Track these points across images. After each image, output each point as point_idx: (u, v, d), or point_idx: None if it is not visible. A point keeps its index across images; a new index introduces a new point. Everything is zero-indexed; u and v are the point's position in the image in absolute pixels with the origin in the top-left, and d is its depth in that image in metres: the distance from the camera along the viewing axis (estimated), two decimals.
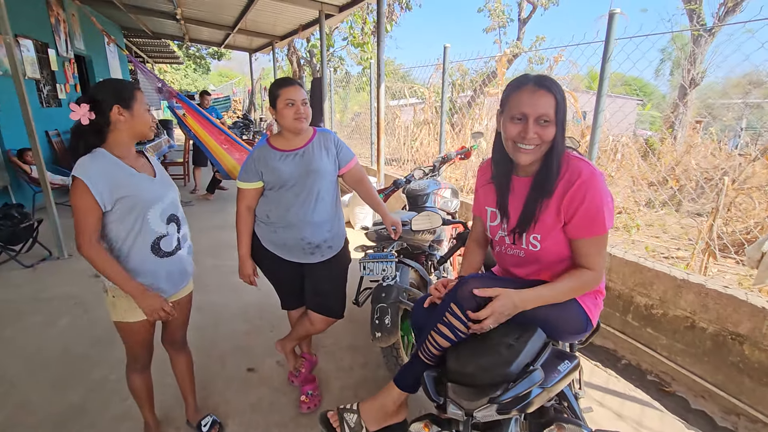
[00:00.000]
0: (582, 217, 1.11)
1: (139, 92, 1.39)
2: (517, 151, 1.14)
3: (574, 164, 1.14)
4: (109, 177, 1.31)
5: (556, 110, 1.09)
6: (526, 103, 1.09)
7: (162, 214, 1.42)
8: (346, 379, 2.18)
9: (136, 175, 1.38)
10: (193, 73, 26.42)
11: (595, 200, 1.09)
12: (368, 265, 1.90)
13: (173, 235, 1.47)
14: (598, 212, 1.10)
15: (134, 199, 1.35)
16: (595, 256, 1.15)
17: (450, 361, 1.01)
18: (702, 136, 6.38)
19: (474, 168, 5.30)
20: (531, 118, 1.09)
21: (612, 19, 2.34)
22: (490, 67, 8.40)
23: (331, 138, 1.81)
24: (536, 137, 1.10)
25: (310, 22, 7.19)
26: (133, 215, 1.36)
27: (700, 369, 2.15)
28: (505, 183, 1.24)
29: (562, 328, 1.16)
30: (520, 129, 1.11)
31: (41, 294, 3.06)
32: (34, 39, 5.72)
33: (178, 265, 1.51)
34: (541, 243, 1.18)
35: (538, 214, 1.16)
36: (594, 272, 1.15)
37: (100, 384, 2.10)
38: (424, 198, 2.53)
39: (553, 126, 1.10)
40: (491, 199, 1.30)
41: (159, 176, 1.48)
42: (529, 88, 1.10)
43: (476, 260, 1.44)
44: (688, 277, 2.18)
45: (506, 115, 1.15)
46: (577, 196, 1.11)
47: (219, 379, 2.16)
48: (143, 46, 13.31)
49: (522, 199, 1.20)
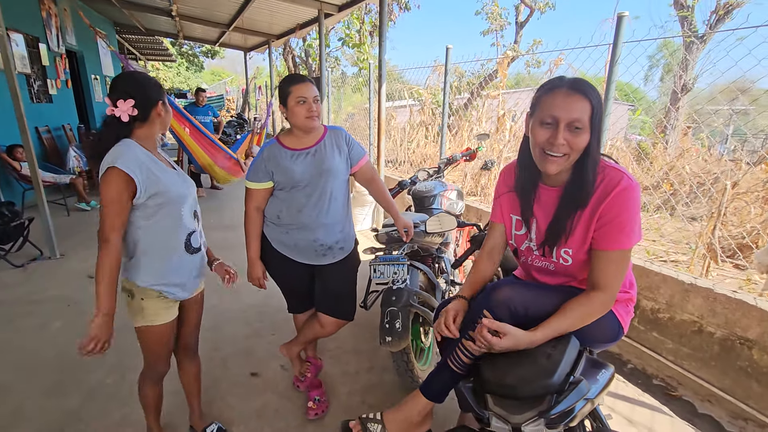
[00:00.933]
0: (611, 227, 1.05)
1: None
2: (544, 159, 1.07)
3: (610, 173, 1.08)
4: (145, 168, 1.26)
5: (591, 116, 1.03)
6: (558, 106, 1.02)
7: (190, 209, 1.42)
8: (352, 384, 2.13)
9: (164, 170, 1.35)
10: (186, 71, 26.13)
11: (629, 213, 1.04)
12: (379, 268, 1.86)
13: (198, 231, 1.47)
14: (628, 225, 1.05)
15: (168, 195, 1.30)
16: (613, 274, 1.07)
17: (486, 371, 0.97)
18: (692, 141, 6.47)
19: (472, 170, 5.29)
20: (562, 123, 1.02)
21: (620, 21, 2.34)
22: (487, 70, 8.43)
23: (342, 135, 1.77)
24: (565, 145, 1.03)
25: (307, 21, 7.13)
26: (168, 210, 1.32)
27: (707, 373, 2.14)
28: (530, 191, 1.18)
29: (595, 336, 1.12)
30: (549, 134, 1.04)
31: (33, 295, 2.96)
32: (24, 33, 5.58)
33: (202, 260, 1.51)
34: (573, 257, 1.13)
35: (570, 228, 1.10)
36: (605, 295, 1.07)
37: (96, 389, 2.03)
38: (430, 199, 2.50)
39: (587, 133, 1.03)
40: (516, 206, 1.24)
41: (178, 171, 1.45)
42: (563, 91, 1.03)
43: (487, 274, 1.34)
44: (695, 282, 2.18)
45: (536, 118, 1.08)
46: (611, 206, 1.05)
47: (222, 384, 2.10)
48: (136, 43, 13.10)
49: (550, 209, 1.15)
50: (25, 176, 4.59)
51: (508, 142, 5.04)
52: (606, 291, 1.07)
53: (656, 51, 7.34)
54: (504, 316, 1.04)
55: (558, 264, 1.17)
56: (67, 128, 6.85)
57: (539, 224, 1.19)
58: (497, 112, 5.21)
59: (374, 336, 2.52)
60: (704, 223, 3.77)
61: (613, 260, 1.07)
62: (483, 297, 1.11)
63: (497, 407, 0.89)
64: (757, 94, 2.96)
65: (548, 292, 1.15)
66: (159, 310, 1.37)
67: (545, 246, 1.16)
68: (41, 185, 3.52)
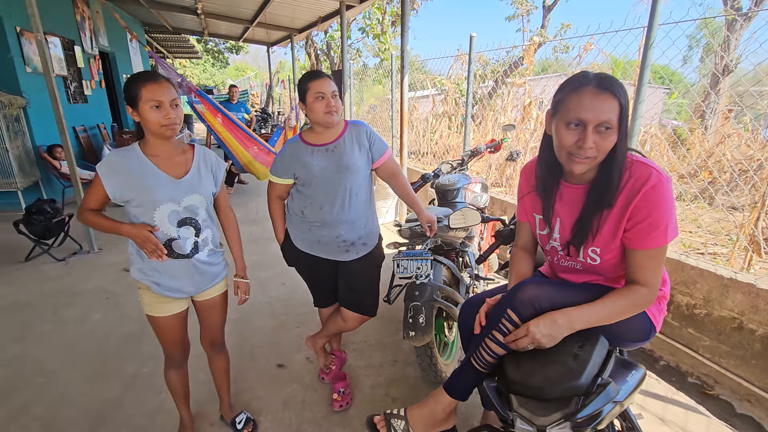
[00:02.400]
0: (645, 226, 1.01)
1: (148, 88, 1.26)
2: (571, 161, 1.02)
3: (638, 170, 1.03)
4: (125, 176, 1.32)
5: (620, 116, 0.98)
6: (586, 107, 0.97)
7: (171, 216, 1.37)
8: (376, 376, 2.15)
9: (153, 175, 1.35)
10: (212, 67, 26.67)
11: (662, 209, 1.00)
12: (402, 263, 1.85)
13: (187, 239, 1.42)
14: (662, 222, 1.00)
15: (139, 200, 1.34)
16: (652, 270, 1.04)
17: (510, 371, 0.95)
18: (734, 124, 6.08)
19: (497, 161, 5.18)
20: (591, 125, 0.97)
21: (656, 2, 2.21)
22: (512, 57, 8.20)
23: (363, 130, 1.75)
24: (594, 148, 0.98)
25: (329, 14, 7.12)
26: (142, 214, 1.36)
27: (746, 372, 2.04)
28: (552, 190, 1.14)
29: (625, 335, 1.09)
30: (577, 137, 0.99)
31: (74, 288, 3.13)
32: (60, 36, 5.83)
33: (198, 267, 1.47)
34: (601, 257, 1.09)
35: (597, 227, 1.06)
36: (648, 289, 1.04)
37: (133, 378, 2.13)
38: (454, 193, 2.46)
39: (615, 133, 0.99)
40: (539, 205, 1.20)
41: (190, 178, 1.41)
42: (591, 90, 0.97)
43: (525, 268, 1.31)
44: (735, 276, 2.07)
45: (560, 118, 1.03)
46: (642, 205, 1.00)
47: (250, 374, 2.16)
48: (163, 42, 13.46)
49: (575, 208, 1.11)
50: (65, 174, 4.83)
51: (534, 131, 4.90)
52: (648, 286, 1.05)
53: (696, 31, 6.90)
54: (529, 316, 1.02)
55: (585, 263, 1.13)
56: (102, 127, 7.14)
57: (563, 223, 1.15)
58: (523, 100, 5.07)
59: (398, 330, 2.54)
60: (746, 213, 3.57)
61: (651, 257, 1.04)
62: (507, 296, 1.09)
63: (522, 408, 0.88)
64: None
65: (576, 288, 1.12)
66: (152, 303, 1.44)
67: (571, 245, 1.13)
68: (79, 182, 3.69)
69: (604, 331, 1.05)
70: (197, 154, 1.48)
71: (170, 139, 1.38)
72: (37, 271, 3.43)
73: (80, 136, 6.22)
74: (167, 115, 1.29)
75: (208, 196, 1.48)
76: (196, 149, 1.49)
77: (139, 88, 1.28)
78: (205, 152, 1.52)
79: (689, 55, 6.60)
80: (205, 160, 1.49)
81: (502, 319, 1.04)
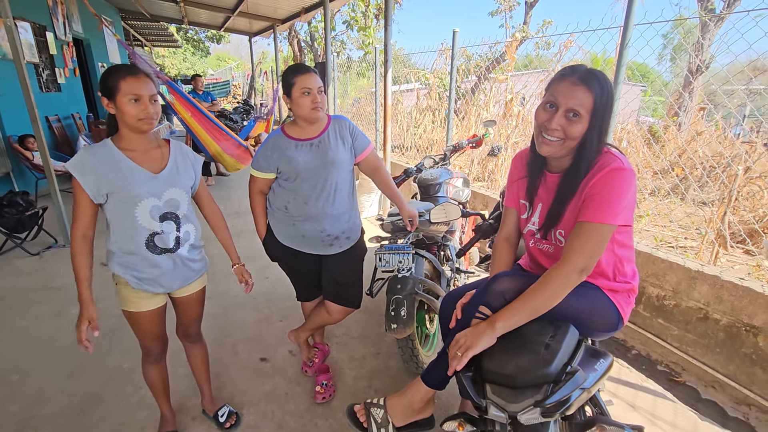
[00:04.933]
0: (591, 200, 1.06)
1: (128, 81, 1.25)
2: (539, 140, 1.13)
3: (606, 157, 1.10)
4: (98, 171, 1.29)
5: (593, 108, 1.05)
6: (561, 92, 1.07)
7: (153, 210, 1.36)
8: (359, 369, 2.18)
9: (129, 170, 1.33)
10: (192, 56, 26.01)
11: (615, 190, 1.04)
12: (384, 257, 1.88)
13: (170, 233, 1.41)
14: (610, 201, 1.04)
15: (119, 195, 1.32)
16: (580, 245, 1.03)
17: (485, 361, 0.99)
18: (706, 123, 6.31)
19: (480, 156, 5.25)
20: (561, 108, 1.07)
21: (632, 2, 2.28)
22: (495, 52, 8.26)
23: (346, 125, 1.77)
24: (560, 130, 1.07)
25: (313, 5, 7.03)
26: (122, 210, 1.34)
27: (711, 360, 2.15)
28: (537, 174, 1.23)
29: (594, 325, 1.14)
30: (547, 117, 1.09)
31: (50, 283, 3.05)
32: (31, 22, 5.60)
33: (179, 262, 1.47)
34: (566, 238, 1.16)
35: (563, 212, 1.14)
36: (565, 266, 1.03)
37: (113, 373, 2.11)
38: (436, 187, 2.50)
39: (583, 124, 1.06)
40: (524, 190, 1.28)
41: (167, 172, 1.40)
42: (571, 80, 1.06)
43: (507, 259, 1.36)
44: (702, 269, 2.17)
45: (543, 101, 1.12)
46: (598, 183, 1.07)
47: (232, 368, 2.17)
48: (141, 29, 13.05)
49: (551, 194, 1.18)
50: (38, 165, 4.67)
51: (515, 127, 4.97)
52: (567, 263, 1.04)
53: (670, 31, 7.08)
54: (499, 307, 1.07)
55: (555, 246, 1.21)
56: (77, 117, 6.92)
57: (541, 208, 1.22)
58: (505, 96, 5.13)
59: (380, 323, 2.57)
60: (714, 209, 3.73)
61: (584, 232, 1.05)
62: (480, 290, 1.13)
63: (495, 396, 0.92)
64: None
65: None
66: (130, 298, 1.43)
67: (543, 229, 1.21)
68: (53, 174, 3.58)
69: (574, 321, 1.10)
70: (174, 148, 1.47)
71: (146, 134, 1.36)
72: (10, 266, 3.33)
73: (54, 126, 6.01)
74: (145, 109, 1.28)
75: (188, 190, 1.48)
76: (173, 144, 1.48)
77: (119, 80, 1.26)
78: (182, 146, 1.51)
79: (663, 54, 6.77)
80: (183, 154, 1.49)
81: (476, 314, 1.08)
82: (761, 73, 3.79)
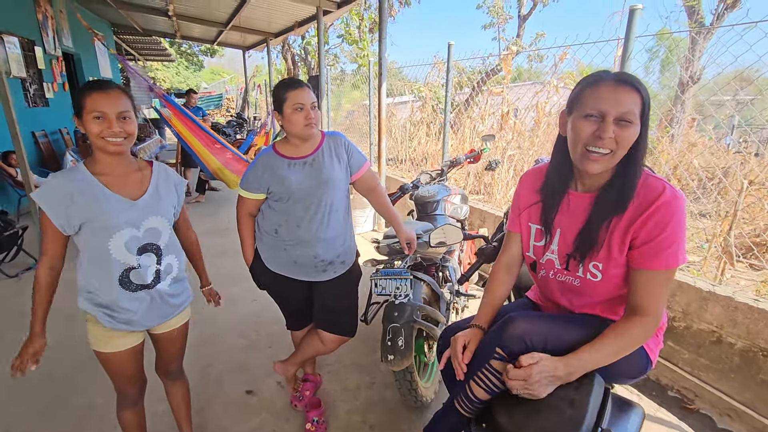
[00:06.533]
0: (656, 244, 0.94)
1: (93, 97, 1.14)
2: (586, 158, 0.95)
3: (651, 182, 0.96)
4: (68, 201, 1.16)
5: (642, 112, 0.92)
6: (605, 98, 0.91)
7: (130, 242, 1.22)
8: (352, 401, 2.04)
9: (104, 198, 1.19)
10: (185, 70, 26.01)
11: (674, 228, 0.92)
12: (380, 282, 1.75)
13: (149, 267, 1.27)
14: (674, 241, 0.93)
15: (92, 226, 1.19)
16: (658, 296, 0.95)
17: (501, 418, 0.86)
18: (697, 134, 6.29)
19: (476, 169, 5.16)
20: (610, 116, 0.91)
21: (632, 15, 2.21)
22: (489, 65, 8.27)
23: (341, 142, 1.65)
24: (613, 140, 0.92)
25: (306, 19, 7.01)
26: (93, 242, 1.20)
27: (726, 386, 2.03)
28: (558, 196, 1.06)
29: (621, 371, 1.01)
30: (596, 128, 0.92)
31: (27, 307, 2.87)
32: (19, 36, 5.49)
33: (158, 298, 1.32)
34: (603, 273, 1.00)
35: (605, 237, 0.98)
36: (650, 318, 0.96)
37: (87, 411, 1.95)
38: (433, 205, 2.39)
39: (637, 127, 0.92)
40: (537, 214, 1.12)
41: (148, 198, 1.27)
42: (610, 83, 0.93)
43: (503, 289, 1.23)
44: (714, 289, 2.06)
45: (577, 113, 0.96)
46: (653, 220, 0.93)
47: (216, 402, 2.01)
48: (133, 44, 12.99)
49: (579, 218, 1.03)
50: (21, 183, 4.51)
51: (511, 140, 4.91)
52: (650, 315, 0.96)
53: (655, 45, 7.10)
54: (519, 354, 0.93)
55: (585, 279, 1.05)
56: (64, 132, 6.78)
57: (564, 233, 1.07)
58: (501, 109, 5.08)
59: (374, 349, 2.42)
60: (715, 220, 3.65)
61: (659, 281, 0.96)
62: (495, 332, 1.00)
63: None
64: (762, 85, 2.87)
65: (571, 322, 1.04)
66: (101, 336, 1.29)
67: (572, 258, 1.05)
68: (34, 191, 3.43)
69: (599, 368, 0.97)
70: (156, 171, 1.33)
71: (121, 156, 1.23)
72: None
73: (40, 141, 5.86)
74: (109, 126, 1.15)
75: (170, 218, 1.34)
76: (155, 166, 1.35)
77: (85, 97, 1.15)
78: (165, 169, 1.38)
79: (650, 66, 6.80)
80: (166, 178, 1.35)
81: (490, 359, 0.95)
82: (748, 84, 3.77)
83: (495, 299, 1.21)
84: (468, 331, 1.11)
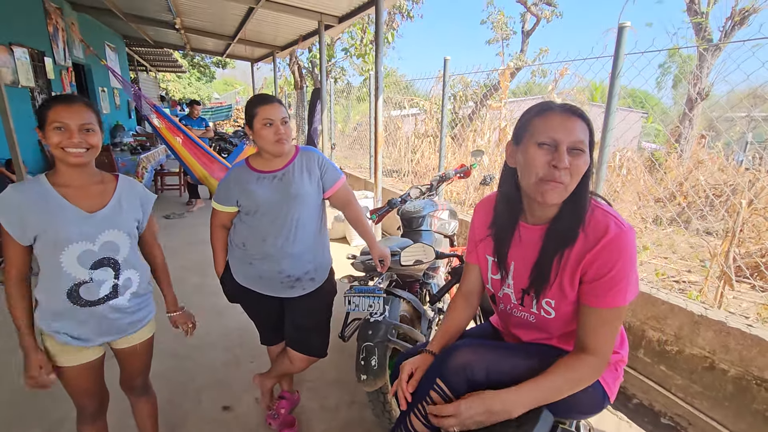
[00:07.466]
0: (603, 283, 0.90)
1: (55, 109, 1.13)
2: (543, 188, 0.90)
3: (597, 215, 0.93)
4: (23, 211, 1.16)
5: (590, 142, 0.91)
6: (556, 127, 0.89)
7: (84, 256, 1.20)
8: (330, 420, 1.98)
9: (59, 209, 1.18)
10: (197, 81, 26.52)
11: (622, 265, 0.89)
12: (353, 300, 1.72)
13: (103, 282, 1.25)
14: (621, 280, 0.89)
15: (45, 237, 1.18)
16: (606, 335, 0.91)
17: None
18: (708, 150, 6.20)
19: (475, 182, 5.12)
20: (563, 144, 0.88)
21: (621, 33, 2.19)
22: (493, 80, 8.30)
23: (314, 158, 1.64)
24: (567, 170, 0.89)
25: (309, 33, 7.11)
26: (46, 254, 1.19)
27: (720, 414, 1.94)
28: (510, 229, 1.03)
29: (575, 407, 0.96)
30: (551, 157, 0.89)
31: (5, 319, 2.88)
32: (29, 47, 5.65)
33: (110, 314, 1.29)
34: (556, 310, 0.97)
35: (556, 272, 0.95)
36: (598, 359, 0.92)
37: (59, 425, 1.91)
38: (419, 221, 2.35)
39: (587, 156, 0.90)
40: (491, 247, 1.08)
41: (107, 211, 1.25)
42: (557, 113, 0.91)
43: (462, 319, 1.19)
44: (706, 313, 1.99)
45: (528, 141, 0.93)
46: (602, 258, 0.90)
47: (191, 419, 1.97)
48: (146, 55, 13.31)
49: (532, 251, 0.99)
50: None
51: None
52: (598, 355, 0.92)
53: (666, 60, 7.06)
54: (460, 384, 0.89)
55: (539, 316, 1.01)
56: None
57: (518, 268, 1.03)
58: (500, 123, 5.06)
59: None
60: (719, 240, 3.55)
61: (607, 320, 0.92)
62: (437, 361, 0.96)
63: None
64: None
65: (515, 352, 0.99)
66: (57, 351, 1.27)
67: (527, 294, 1.01)
68: None
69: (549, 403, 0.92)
70: (121, 184, 1.32)
71: (83, 167, 1.23)
72: None
73: (46, 149, 5.97)
74: (70, 137, 1.14)
75: (132, 231, 1.32)
76: (121, 180, 1.34)
77: (48, 109, 1.15)
78: (132, 183, 1.36)
79: (662, 81, 6.76)
80: (130, 191, 1.34)
81: (430, 390, 0.91)
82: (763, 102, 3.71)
83: (452, 327, 1.17)
84: (417, 358, 1.07)
